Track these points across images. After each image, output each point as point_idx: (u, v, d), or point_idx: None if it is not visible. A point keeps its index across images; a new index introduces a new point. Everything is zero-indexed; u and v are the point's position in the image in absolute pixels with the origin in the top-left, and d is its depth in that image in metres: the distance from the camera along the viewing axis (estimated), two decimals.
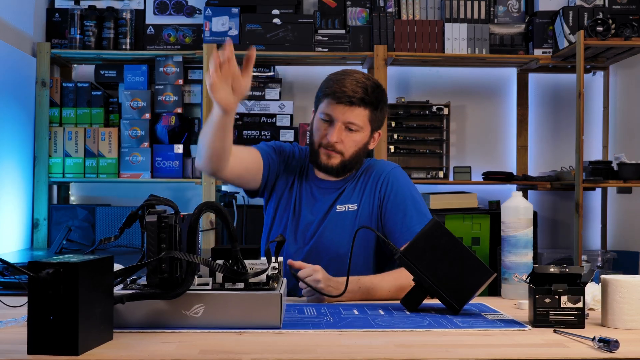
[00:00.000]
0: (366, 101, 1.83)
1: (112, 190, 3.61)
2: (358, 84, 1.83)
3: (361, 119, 1.85)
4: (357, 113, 1.84)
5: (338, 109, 1.83)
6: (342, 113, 1.83)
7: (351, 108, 1.83)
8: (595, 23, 3.08)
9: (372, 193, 1.90)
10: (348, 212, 1.89)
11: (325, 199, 1.92)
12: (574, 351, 1.17)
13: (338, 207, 1.89)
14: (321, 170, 1.90)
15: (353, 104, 1.82)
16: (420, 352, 1.15)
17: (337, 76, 1.87)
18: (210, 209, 1.35)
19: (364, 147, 1.90)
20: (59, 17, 3.49)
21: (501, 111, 3.79)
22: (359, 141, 1.87)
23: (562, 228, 3.75)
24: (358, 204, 1.89)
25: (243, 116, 3.40)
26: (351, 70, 1.89)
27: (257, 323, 1.29)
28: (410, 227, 1.81)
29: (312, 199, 1.93)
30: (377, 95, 1.86)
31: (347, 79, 1.84)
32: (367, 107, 1.85)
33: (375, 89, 1.86)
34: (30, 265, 1.09)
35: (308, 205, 1.93)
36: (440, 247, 1.51)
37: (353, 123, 1.84)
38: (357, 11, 3.49)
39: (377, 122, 1.90)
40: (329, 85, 1.86)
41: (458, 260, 1.49)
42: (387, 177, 1.91)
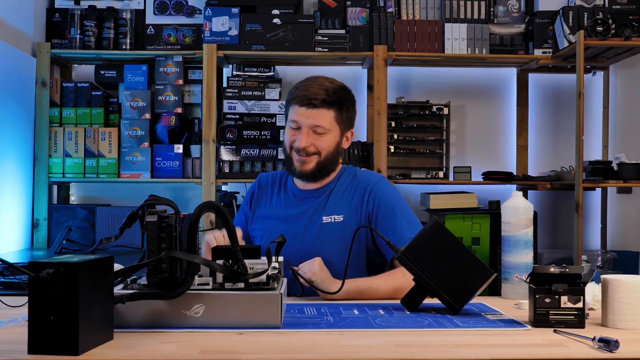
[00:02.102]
0: (328, 102, 1.85)
1: (112, 190, 3.61)
2: (320, 87, 1.87)
3: (327, 121, 1.87)
4: (322, 115, 1.86)
5: (303, 114, 1.86)
6: (307, 117, 1.86)
7: (315, 111, 1.85)
8: (595, 23, 3.08)
9: (360, 206, 1.90)
10: (334, 223, 1.89)
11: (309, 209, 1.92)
12: (574, 351, 1.17)
13: (324, 219, 1.89)
14: (297, 176, 1.93)
15: (316, 106, 1.85)
16: (420, 352, 1.15)
17: (302, 82, 1.91)
18: (210, 209, 1.35)
19: (337, 148, 1.91)
20: (59, 17, 3.49)
21: (501, 111, 3.79)
22: (330, 142, 1.89)
23: (562, 228, 3.75)
24: (344, 216, 1.89)
25: (243, 116, 3.40)
26: (316, 76, 1.93)
27: (257, 323, 1.29)
28: (401, 235, 1.82)
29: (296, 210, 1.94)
30: (340, 96, 1.88)
31: (310, 84, 1.88)
32: (331, 108, 1.87)
33: (337, 90, 1.89)
34: (30, 265, 1.09)
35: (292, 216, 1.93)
36: (441, 247, 1.51)
37: (319, 126, 1.86)
38: (357, 11, 3.49)
39: (345, 122, 1.92)
40: (293, 92, 1.90)
41: (458, 260, 1.49)
42: (373, 190, 1.91)
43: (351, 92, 1.96)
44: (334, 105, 1.87)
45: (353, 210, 1.90)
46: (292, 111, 1.88)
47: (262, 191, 2.02)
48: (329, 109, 1.86)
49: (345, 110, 1.91)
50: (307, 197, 1.94)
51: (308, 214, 1.92)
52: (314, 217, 1.90)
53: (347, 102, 1.91)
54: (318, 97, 1.85)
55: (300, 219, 1.92)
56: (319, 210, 1.91)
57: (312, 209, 1.92)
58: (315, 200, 1.93)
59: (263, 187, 2.03)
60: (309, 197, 1.94)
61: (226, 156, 3.37)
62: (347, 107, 1.92)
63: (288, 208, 1.95)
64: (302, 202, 1.95)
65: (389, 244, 1.60)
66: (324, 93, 1.86)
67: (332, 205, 1.91)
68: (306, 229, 1.89)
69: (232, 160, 3.37)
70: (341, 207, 1.90)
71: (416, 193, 3.63)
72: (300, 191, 1.96)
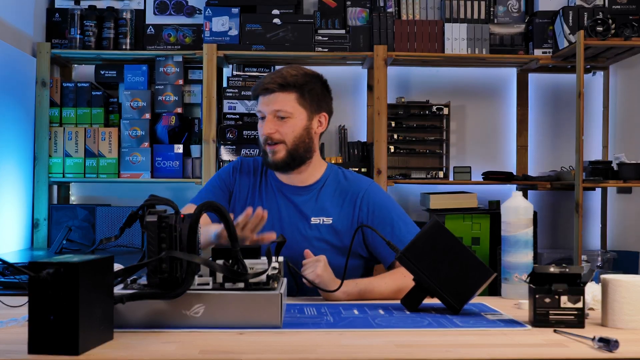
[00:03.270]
0: (285, 85, 1.85)
1: (112, 190, 3.61)
2: (277, 74, 1.87)
3: (288, 104, 1.85)
4: (281, 99, 1.85)
5: (263, 102, 1.87)
6: (267, 104, 1.86)
7: (273, 96, 1.85)
8: (595, 23, 3.08)
9: (352, 211, 1.88)
10: (323, 225, 1.88)
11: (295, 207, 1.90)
12: (574, 351, 1.17)
13: (313, 219, 1.88)
14: (272, 168, 1.90)
15: (273, 91, 1.85)
16: (420, 352, 1.15)
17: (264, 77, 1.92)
18: (210, 209, 1.35)
19: (306, 132, 1.88)
20: (59, 17, 3.49)
21: (501, 111, 3.79)
22: (295, 126, 1.86)
23: (562, 228, 3.74)
24: (333, 218, 1.88)
25: (243, 116, 3.40)
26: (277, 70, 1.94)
27: (258, 323, 1.29)
28: (400, 237, 1.81)
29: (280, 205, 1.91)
30: (299, 79, 1.86)
31: (268, 74, 1.91)
32: (291, 91, 1.85)
33: (297, 75, 1.87)
34: (30, 265, 1.09)
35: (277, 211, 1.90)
36: (441, 247, 1.51)
37: (279, 110, 1.85)
38: (357, 11, 3.49)
39: (311, 105, 1.88)
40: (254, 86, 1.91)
41: (458, 260, 1.50)
42: (365, 196, 1.90)
43: (319, 77, 1.93)
44: (294, 88, 1.86)
45: (344, 214, 1.88)
46: (258, 103, 1.90)
47: (244, 173, 1.97)
48: (289, 92, 1.85)
49: (308, 92, 1.88)
50: (290, 194, 1.91)
51: (295, 212, 1.89)
52: (302, 217, 1.88)
53: (309, 84, 1.88)
54: (274, 82, 1.85)
55: (286, 216, 1.89)
56: (307, 209, 1.89)
57: (299, 208, 1.89)
58: (300, 198, 1.90)
59: (245, 171, 1.97)
60: (294, 194, 1.91)
61: (226, 156, 3.37)
62: (310, 89, 1.88)
63: (270, 201, 1.91)
64: (285, 197, 1.91)
65: (389, 244, 1.60)
66: (280, 79, 1.86)
67: (321, 206, 1.89)
68: (294, 228, 1.87)
69: (232, 160, 3.37)
70: (331, 209, 1.88)
71: (416, 193, 3.64)
72: (285, 186, 1.92)
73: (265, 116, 1.87)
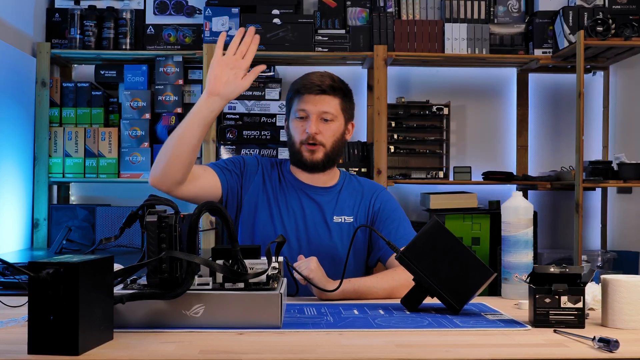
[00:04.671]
0: (335, 88, 1.89)
1: (112, 190, 3.61)
2: (323, 76, 1.91)
3: (334, 108, 1.89)
4: (329, 102, 1.89)
5: (310, 101, 1.88)
6: (315, 104, 1.88)
7: (322, 97, 1.88)
8: (595, 23, 3.08)
9: (367, 209, 1.95)
10: (344, 223, 1.92)
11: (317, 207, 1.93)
12: (574, 351, 1.17)
13: (335, 218, 1.92)
14: (308, 167, 1.92)
15: (324, 92, 1.88)
16: (420, 352, 1.15)
17: (303, 76, 1.95)
18: (210, 208, 1.35)
19: (342, 137, 1.94)
20: (59, 17, 3.49)
21: (501, 111, 3.79)
22: (336, 131, 1.91)
23: (562, 228, 3.74)
24: (354, 217, 1.94)
25: (243, 116, 3.40)
26: (316, 71, 1.97)
27: (257, 323, 1.29)
28: (403, 236, 1.87)
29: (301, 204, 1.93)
30: (344, 84, 1.93)
31: (312, 75, 1.93)
32: (337, 96, 1.90)
33: (340, 80, 1.93)
34: (30, 265, 1.09)
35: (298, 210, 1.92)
36: (440, 247, 1.51)
37: (327, 112, 1.88)
38: (357, 11, 3.49)
39: (348, 111, 1.95)
40: (296, 84, 1.93)
41: (458, 260, 1.50)
42: (379, 196, 1.98)
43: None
44: (339, 93, 1.91)
45: (361, 214, 1.94)
46: (299, 101, 1.90)
47: (260, 168, 1.97)
48: (335, 96, 1.90)
49: (348, 99, 1.94)
50: (313, 193, 1.95)
51: (318, 210, 1.93)
52: (324, 215, 1.92)
53: (349, 92, 1.96)
54: (325, 83, 1.88)
55: (309, 213, 1.92)
56: (329, 209, 1.93)
57: (320, 207, 1.93)
58: (322, 198, 1.94)
59: (266, 167, 1.98)
60: (315, 194, 1.95)
61: (226, 156, 3.37)
62: (350, 96, 1.96)
63: (292, 199, 1.93)
64: (306, 197, 1.94)
65: (389, 244, 1.60)
66: (330, 81, 1.89)
67: (342, 206, 1.94)
68: (316, 226, 1.91)
69: None
70: (350, 210, 1.94)
71: (416, 193, 3.64)
72: (306, 185, 1.95)
73: (307, 116, 1.89)
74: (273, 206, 1.92)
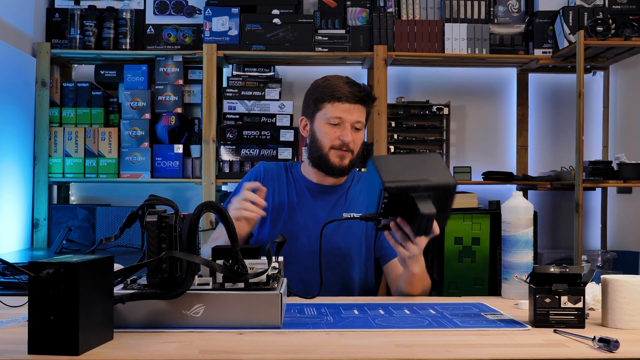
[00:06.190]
0: (365, 100, 1.93)
1: (112, 190, 3.61)
2: (353, 85, 1.93)
3: (363, 117, 1.95)
4: (361, 111, 1.94)
5: (347, 110, 1.91)
6: (351, 113, 1.91)
7: (357, 107, 1.92)
8: (595, 23, 3.08)
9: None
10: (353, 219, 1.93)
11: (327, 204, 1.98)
12: (574, 351, 1.17)
13: (345, 215, 1.96)
14: (335, 173, 1.95)
15: (359, 101, 1.92)
16: (420, 352, 1.15)
17: (329, 81, 1.95)
18: (210, 208, 1.35)
19: (364, 144, 1.96)
20: (59, 17, 3.49)
21: (501, 111, 3.79)
22: (362, 139, 1.98)
23: (562, 228, 3.75)
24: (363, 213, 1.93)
25: (243, 116, 3.40)
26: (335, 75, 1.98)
27: (257, 323, 1.29)
28: None
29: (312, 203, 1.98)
30: (370, 94, 1.96)
31: (340, 82, 1.93)
32: (365, 106, 1.95)
33: (367, 87, 1.97)
34: (30, 265, 1.09)
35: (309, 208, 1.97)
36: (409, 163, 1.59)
37: (359, 121, 1.94)
38: (357, 11, 3.49)
39: (367, 121, 2.01)
40: (327, 90, 1.93)
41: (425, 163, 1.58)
42: None
43: None
44: (366, 103, 1.95)
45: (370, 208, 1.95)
46: (333, 108, 1.91)
47: (268, 177, 2.02)
48: (364, 106, 1.94)
49: (370, 110, 1.99)
50: (324, 192, 1.99)
51: (329, 208, 1.96)
52: (333, 213, 1.95)
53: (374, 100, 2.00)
54: (358, 94, 1.91)
55: (322, 212, 1.95)
56: (339, 206, 1.97)
57: (330, 204, 1.97)
58: (332, 196, 1.99)
59: (269, 174, 2.03)
60: (325, 193, 1.99)
61: (226, 156, 3.37)
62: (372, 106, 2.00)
63: (302, 200, 1.98)
64: (317, 196, 1.99)
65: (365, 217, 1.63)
66: (364, 92, 1.93)
67: (352, 203, 1.99)
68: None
69: (232, 160, 3.37)
70: (360, 206, 1.98)
71: None
72: (316, 185, 2.00)
73: (341, 123, 1.91)
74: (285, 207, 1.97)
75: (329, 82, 1.94)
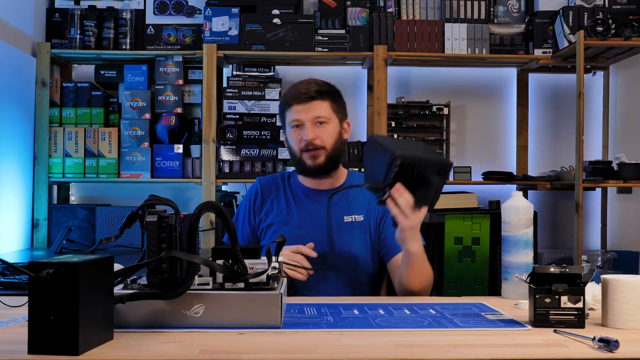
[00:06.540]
0: (322, 92, 1.94)
1: (112, 190, 3.61)
2: (309, 83, 1.95)
3: (325, 110, 1.94)
4: (319, 106, 1.93)
5: (302, 110, 1.93)
6: (307, 111, 1.92)
7: (312, 103, 1.92)
8: (595, 23, 3.08)
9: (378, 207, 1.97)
10: (356, 222, 1.96)
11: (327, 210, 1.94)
12: (574, 351, 1.17)
13: (345, 218, 1.96)
14: (311, 173, 1.96)
15: (313, 98, 1.92)
16: (420, 352, 1.15)
17: (289, 88, 2.00)
18: (210, 208, 1.35)
19: (340, 137, 1.98)
20: (59, 17, 3.49)
21: (501, 111, 3.79)
22: (333, 132, 1.95)
23: (562, 228, 3.75)
24: (365, 215, 1.96)
25: (243, 116, 3.40)
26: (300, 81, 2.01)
27: (257, 323, 1.29)
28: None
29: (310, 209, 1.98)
30: (330, 86, 1.97)
31: (298, 85, 1.97)
32: (325, 99, 1.94)
33: (326, 83, 1.98)
34: (30, 265, 1.09)
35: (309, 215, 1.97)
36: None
37: (320, 116, 1.93)
38: (357, 11, 3.49)
39: (340, 111, 2.00)
40: (285, 97, 1.97)
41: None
42: None
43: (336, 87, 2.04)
44: (328, 95, 1.95)
45: (372, 210, 1.97)
46: (291, 113, 1.95)
47: (266, 192, 2.04)
48: (324, 99, 1.94)
49: (338, 99, 1.98)
50: (321, 198, 1.98)
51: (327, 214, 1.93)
52: (335, 217, 1.94)
53: (336, 93, 1.99)
54: (311, 89, 1.93)
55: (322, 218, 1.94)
56: (339, 210, 1.96)
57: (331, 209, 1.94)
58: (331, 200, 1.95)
59: (266, 189, 2.05)
60: (323, 197, 1.97)
61: (226, 156, 3.37)
62: (338, 96, 2.00)
63: (300, 206, 1.98)
64: (315, 201, 1.98)
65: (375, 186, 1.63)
66: (315, 86, 1.94)
67: (351, 205, 1.97)
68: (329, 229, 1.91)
69: (232, 160, 3.37)
70: (360, 208, 1.97)
71: None
72: (313, 191, 2.00)
73: (302, 124, 1.93)
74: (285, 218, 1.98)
75: (289, 89, 1.99)
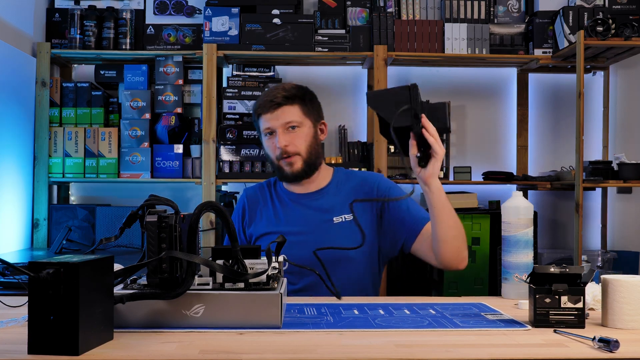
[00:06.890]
0: (289, 97, 1.92)
1: (112, 190, 3.61)
2: (276, 89, 1.94)
3: (295, 115, 1.92)
4: (288, 111, 1.91)
5: (271, 117, 1.92)
6: (276, 118, 1.91)
7: (281, 109, 1.91)
8: (595, 23, 3.08)
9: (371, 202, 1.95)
10: (345, 222, 1.93)
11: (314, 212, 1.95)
12: (574, 351, 1.17)
13: (335, 219, 1.93)
14: (290, 180, 1.96)
15: (280, 105, 1.91)
16: (420, 352, 1.15)
17: (258, 98, 1.99)
18: (210, 209, 1.35)
19: (316, 139, 1.97)
20: (59, 17, 3.49)
21: (501, 111, 3.79)
22: (307, 135, 1.94)
23: (562, 228, 3.75)
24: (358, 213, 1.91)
25: (243, 116, 3.40)
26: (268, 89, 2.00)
27: (257, 323, 1.29)
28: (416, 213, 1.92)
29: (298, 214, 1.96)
30: (298, 90, 1.95)
31: (266, 93, 1.96)
32: (294, 103, 1.93)
33: (294, 87, 1.96)
34: (30, 265, 1.09)
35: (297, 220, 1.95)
36: None
37: (290, 121, 1.91)
38: (357, 11, 3.49)
39: (313, 113, 1.97)
40: (255, 106, 1.97)
41: None
42: (380, 185, 1.99)
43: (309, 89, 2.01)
44: (296, 99, 1.93)
45: (362, 207, 1.93)
46: (262, 121, 1.94)
47: (253, 204, 2.03)
48: (292, 104, 1.92)
49: (309, 102, 1.96)
50: (308, 201, 1.97)
51: (317, 215, 1.94)
52: (324, 219, 1.93)
53: (307, 94, 1.97)
54: (278, 95, 1.91)
55: (311, 221, 1.93)
56: (327, 211, 1.94)
57: (319, 211, 1.94)
58: (318, 202, 1.96)
59: (252, 201, 2.04)
60: (311, 200, 1.96)
61: (226, 156, 3.37)
62: (310, 98, 1.97)
63: (290, 213, 1.97)
64: (302, 205, 1.97)
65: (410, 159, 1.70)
66: (282, 92, 1.92)
67: (339, 205, 1.94)
68: (318, 230, 1.91)
69: (232, 160, 3.37)
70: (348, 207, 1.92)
71: (416, 193, 3.61)
72: (299, 195, 1.99)
73: (274, 131, 1.92)
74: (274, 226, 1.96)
75: (257, 100, 1.98)
